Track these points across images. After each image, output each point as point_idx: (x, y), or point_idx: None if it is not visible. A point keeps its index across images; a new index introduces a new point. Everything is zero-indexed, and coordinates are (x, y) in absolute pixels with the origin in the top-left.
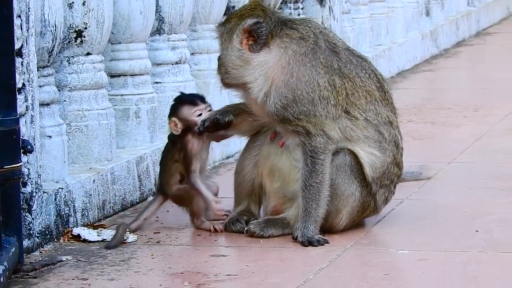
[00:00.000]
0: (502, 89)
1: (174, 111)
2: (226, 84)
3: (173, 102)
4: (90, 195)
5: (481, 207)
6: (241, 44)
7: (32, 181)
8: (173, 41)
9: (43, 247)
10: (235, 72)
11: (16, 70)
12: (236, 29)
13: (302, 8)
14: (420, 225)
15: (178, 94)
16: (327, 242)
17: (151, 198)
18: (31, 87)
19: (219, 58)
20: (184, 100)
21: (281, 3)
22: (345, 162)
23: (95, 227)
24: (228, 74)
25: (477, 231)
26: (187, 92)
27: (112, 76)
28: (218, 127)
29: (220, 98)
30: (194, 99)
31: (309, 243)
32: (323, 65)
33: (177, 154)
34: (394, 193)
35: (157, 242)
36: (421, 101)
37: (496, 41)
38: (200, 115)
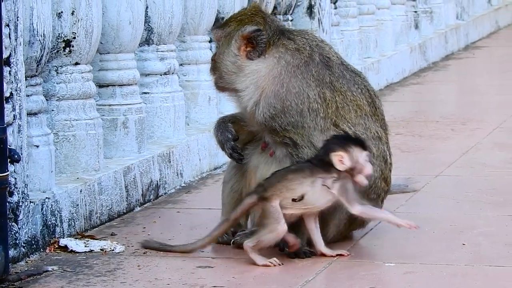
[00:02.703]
0: (490, 103)
1: (342, 146)
2: (219, 88)
3: (340, 137)
4: (77, 205)
5: (468, 221)
6: (238, 50)
7: (18, 191)
8: (161, 51)
9: (29, 257)
10: (228, 77)
11: (4, 79)
12: (235, 34)
13: (291, 20)
14: (407, 238)
15: (342, 133)
16: (314, 254)
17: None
18: (19, 96)
19: (214, 61)
20: (357, 140)
21: (271, 14)
22: None
23: (82, 237)
24: (222, 79)
25: (464, 244)
26: (177, 103)
27: (100, 86)
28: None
29: (209, 109)
30: (365, 143)
31: (295, 255)
32: (314, 78)
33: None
34: (381, 207)
35: (144, 253)
36: (409, 114)
37: (485, 54)
38: (367, 160)
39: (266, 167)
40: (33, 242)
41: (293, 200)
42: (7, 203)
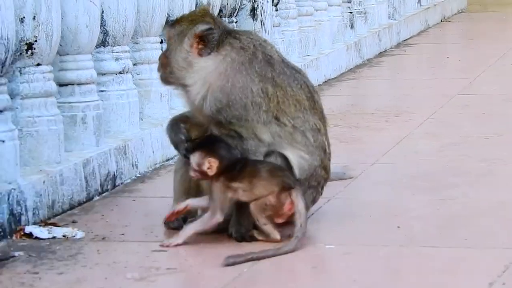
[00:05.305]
0: (421, 96)
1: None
2: (167, 82)
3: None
4: (41, 195)
5: (402, 205)
6: (190, 47)
7: None
8: (116, 52)
9: None
10: (179, 73)
11: None
12: (188, 33)
13: (236, 22)
14: (346, 222)
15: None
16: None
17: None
18: None
19: (165, 58)
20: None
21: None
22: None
23: (46, 224)
24: (172, 74)
25: (398, 227)
26: (132, 99)
27: (60, 85)
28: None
29: (161, 105)
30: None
31: (242, 239)
32: (257, 74)
33: None
34: (321, 194)
35: (103, 239)
36: (346, 107)
37: (416, 51)
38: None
39: None
40: (0, 230)
41: None
42: None
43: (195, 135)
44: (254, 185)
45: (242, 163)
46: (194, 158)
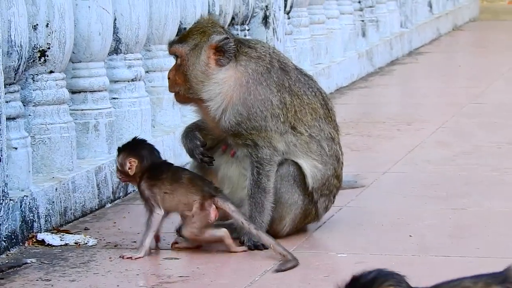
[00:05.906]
0: (433, 105)
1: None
2: (185, 100)
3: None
4: (53, 202)
5: (414, 214)
6: (208, 59)
7: None
8: (129, 60)
9: (9, 251)
10: (198, 87)
11: None
12: (203, 45)
13: (248, 30)
14: (358, 230)
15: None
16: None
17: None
18: None
19: (181, 75)
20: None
21: (229, 25)
22: (289, 173)
23: (58, 231)
24: (191, 90)
25: (410, 236)
26: (144, 107)
27: (73, 92)
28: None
29: (173, 113)
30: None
31: (254, 247)
32: (276, 84)
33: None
34: (333, 202)
35: (115, 246)
36: (358, 116)
37: (427, 60)
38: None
39: (227, 166)
40: (13, 236)
41: None
42: None
43: (209, 145)
44: (175, 189)
45: (165, 167)
46: (118, 159)
